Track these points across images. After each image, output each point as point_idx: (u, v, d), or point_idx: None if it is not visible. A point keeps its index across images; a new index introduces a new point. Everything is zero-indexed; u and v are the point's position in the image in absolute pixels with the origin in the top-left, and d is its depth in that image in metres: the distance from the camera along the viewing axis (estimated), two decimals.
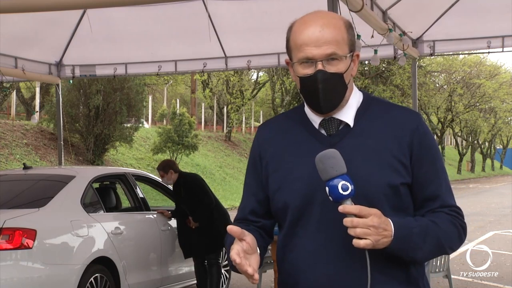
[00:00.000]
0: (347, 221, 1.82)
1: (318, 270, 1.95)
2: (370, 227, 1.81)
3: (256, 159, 2.13)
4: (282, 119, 2.16)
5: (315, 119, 2.04)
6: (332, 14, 2.03)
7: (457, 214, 2.02)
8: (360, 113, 2.03)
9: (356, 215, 1.82)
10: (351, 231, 1.82)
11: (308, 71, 1.97)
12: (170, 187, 7.93)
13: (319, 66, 1.94)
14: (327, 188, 1.84)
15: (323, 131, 2.03)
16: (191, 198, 7.39)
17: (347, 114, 2.02)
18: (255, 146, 2.15)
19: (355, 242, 1.83)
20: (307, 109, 2.08)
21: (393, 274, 1.95)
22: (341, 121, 2.02)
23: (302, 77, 1.98)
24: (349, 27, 2.01)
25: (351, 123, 2.02)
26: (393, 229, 1.86)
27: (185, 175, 7.65)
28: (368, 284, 1.84)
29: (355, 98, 2.06)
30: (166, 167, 7.55)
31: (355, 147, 1.97)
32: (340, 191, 1.82)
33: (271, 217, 2.12)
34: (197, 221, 7.34)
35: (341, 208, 1.83)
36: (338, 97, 1.99)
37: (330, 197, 1.85)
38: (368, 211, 1.83)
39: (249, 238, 1.92)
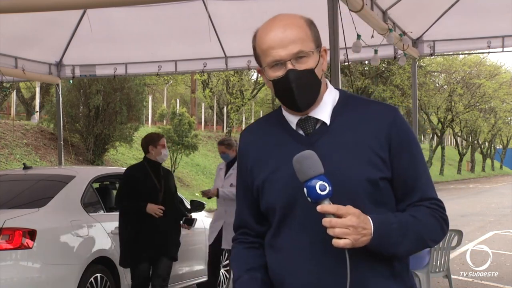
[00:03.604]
0: (325, 221, 1.85)
1: (302, 269, 1.97)
2: (349, 226, 1.84)
3: (242, 165, 2.16)
4: (262, 123, 2.18)
5: (292, 120, 2.06)
6: (292, 15, 2.06)
7: (438, 207, 2.04)
8: (336, 111, 2.05)
9: (334, 215, 1.85)
10: (330, 231, 1.85)
11: (279, 73, 1.99)
12: None
13: (289, 66, 1.97)
14: (305, 189, 1.87)
15: (301, 131, 2.05)
16: (167, 192, 6.47)
17: (323, 112, 2.04)
18: (239, 153, 2.18)
19: (335, 242, 1.85)
20: (284, 111, 2.10)
21: (378, 269, 1.97)
22: (317, 120, 2.04)
23: (275, 80, 2.00)
24: (311, 23, 2.04)
25: (328, 121, 2.03)
26: (372, 226, 1.88)
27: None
28: (347, 283, 1.86)
29: (330, 96, 2.07)
30: (157, 139, 6.58)
31: (333, 145, 1.99)
32: (318, 191, 1.85)
33: (264, 223, 2.14)
34: (170, 220, 6.42)
35: (319, 208, 1.85)
36: (313, 93, 2.01)
37: (308, 198, 1.87)
38: (346, 210, 1.85)
39: None
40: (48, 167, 14.57)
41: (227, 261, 8.27)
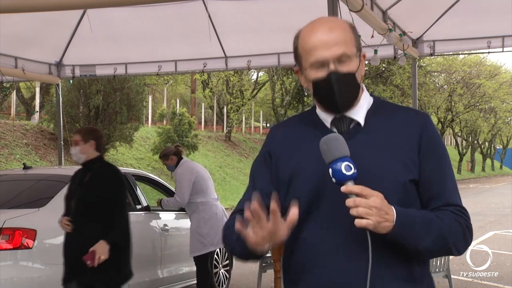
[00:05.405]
0: (349, 201, 1.86)
1: (324, 261, 1.99)
2: (372, 207, 1.85)
3: (266, 155, 2.17)
4: (294, 121, 2.22)
5: (327, 118, 2.09)
6: (336, 18, 2.12)
7: (462, 214, 2.05)
8: (370, 113, 2.09)
9: (358, 195, 1.86)
10: (353, 211, 1.86)
11: (320, 74, 2.01)
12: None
13: (332, 67, 1.99)
14: (330, 170, 1.89)
15: (334, 130, 2.07)
16: (85, 203, 5.17)
17: (358, 113, 2.08)
18: (266, 144, 2.20)
19: (357, 221, 1.86)
20: (318, 111, 2.12)
21: (397, 271, 1.97)
22: (352, 120, 2.07)
23: (316, 81, 2.02)
24: (353, 28, 2.08)
25: (362, 122, 2.06)
26: (395, 214, 1.89)
27: (105, 162, 5.42)
28: (369, 268, 1.88)
29: (366, 100, 2.12)
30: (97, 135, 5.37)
31: (366, 144, 2.02)
32: (344, 171, 1.87)
33: None
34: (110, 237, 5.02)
35: (343, 188, 1.87)
36: (353, 96, 2.05)
37: (333, 179, 1.88)
38: (370, 191, 1.87)
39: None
40: (48, 167, 14.57)
41: (227, 261, 8.27)
